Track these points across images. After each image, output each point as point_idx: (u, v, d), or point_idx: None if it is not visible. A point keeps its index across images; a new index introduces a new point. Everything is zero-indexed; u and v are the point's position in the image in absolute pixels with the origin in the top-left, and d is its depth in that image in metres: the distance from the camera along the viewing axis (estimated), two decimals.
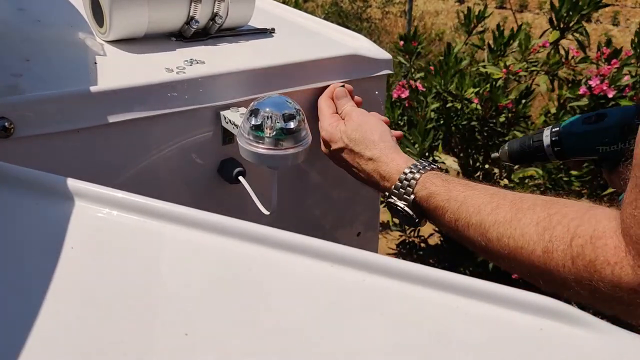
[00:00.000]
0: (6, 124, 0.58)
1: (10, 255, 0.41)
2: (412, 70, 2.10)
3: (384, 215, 1.98)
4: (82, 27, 0.84)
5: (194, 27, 0.80)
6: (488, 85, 1.84)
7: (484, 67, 1.89)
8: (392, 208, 0.67)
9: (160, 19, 0.78)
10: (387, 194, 0.68)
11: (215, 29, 0.83)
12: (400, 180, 0.66)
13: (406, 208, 0.65)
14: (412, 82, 1.96)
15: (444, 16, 5.49)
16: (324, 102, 0.79)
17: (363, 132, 0.73)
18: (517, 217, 0.55)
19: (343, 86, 0.80)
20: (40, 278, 0.39)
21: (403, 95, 1.93)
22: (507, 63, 1.83)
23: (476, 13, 2.04)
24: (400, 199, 0.66)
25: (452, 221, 0.61)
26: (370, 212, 1.00)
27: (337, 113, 0.78)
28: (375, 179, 0.70)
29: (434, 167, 0.67)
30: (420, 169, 0.66)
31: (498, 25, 1.95)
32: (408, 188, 0.65)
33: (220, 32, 0.85)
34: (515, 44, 1.88)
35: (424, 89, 1.92)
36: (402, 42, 2.10)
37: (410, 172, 0.66)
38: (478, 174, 1.98)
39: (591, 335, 0.37)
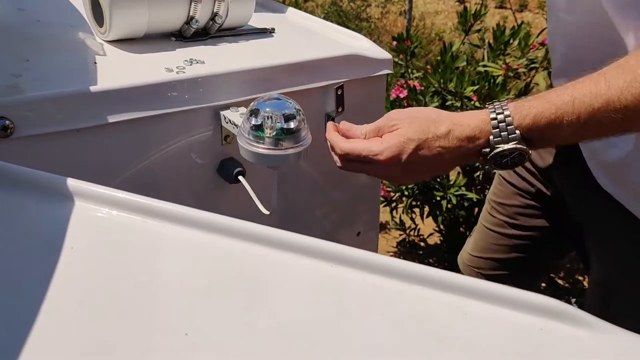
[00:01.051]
0: (6, 123, 0.58)
1: (11, 255, 0.41)
2: (409, 70, 2.10)
3: (384, 215, 1.98)
4: (82, 27, 0.84)
5: (194, 26, 0.80)
6: (487, 84, 1.84)
7: (483, 66, 1.89)
8: (497, 160, 0.64)
9: (160, 18, 0.78)
10: (486, 150, 0.64)
11: (215, 28, 0.83)
12: (494, 126, 0.63)
13: (518, 145, 0.62)
14: (410, 82, 1.96)
15: (443, 16, 5.49)
16: (344, 141, 0.69)
17: (418, 120, 0.67)
18: (636, 72, 0.57)
19: (332, 119, 0.77)
20: (41, 278, 0.39)
21: (402, 95, 1.93)
22: (507, 61, 1.83)
23: (473, 12, 2.04)
24: (506, 141, 0.63)
25: (574, 122, 0.60)
26: (370, 212, 1.00)
27: (365, 137, 0.70)
28: (466, 145, 0.65)
29: (507, 99, 0.65)
30: (502, 106, 0.63)
31: (498, 24, 1.95)
32: (509, 127, 0.62)
33: (220, 32, 0.85)
34: (516, 42, 1.88)
35: (422, 88, 1.92)
36: (395, 42, 2.10)
37: (497, 113, 0.63)
38: (478, 173, 1.98)
39: (591, 335, 0.37)
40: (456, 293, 0.39)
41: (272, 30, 0.91)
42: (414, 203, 1.89)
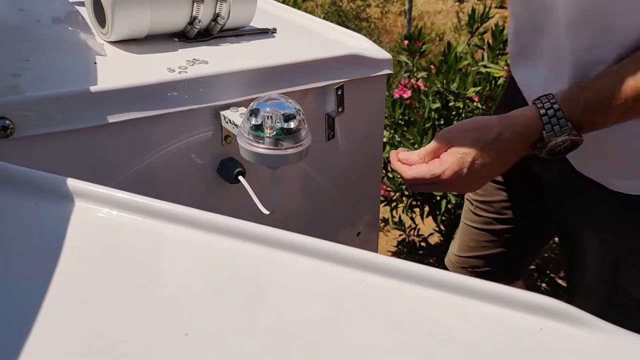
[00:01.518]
0: (6, 123, 0.58)
1: (10, 255, 0.41)
2: (415, 69, 2.10)
3: (383, 215, 1.98)
4: (82, 27, 0.84)
5: (197, 27, 0.80)
6: (488, 84, 1.84)
7: (484, 66, 1.89)
8: (551, 152, 0.66)
9: (162, 19, 0.78)
10: (540, 144, 0.66)
11: (217, 29, 0.83)
12: (546, 122, 0.65)
13: (571, 136, 0.64)
14: (413, 82, 1.96)
15: (443, 16, 5.49)
16: (408, 169, 0.73)
17: (468, 132, 0.70)
18: None
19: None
20: (41, 278, 0.39)
21: (405, 95, 1.93)
22: (508, 61, 1.83)
23: (481, 13, 2.04)
24: (559, 134, 0.64)
25: (621, 106, 0.62)
26: (370, 212, 1.00)
27: (424, 160, 0.74)
28: (519, 144, 0.68)
29: (550, 93, 0.67)
30: (550, 100, 0.65)
31: (497, 24, 1.95)
32: (560, 120, 0.64)
33: (221, 32, 0.85)
34: None
35: (426, 89, 1.92)
36: (406, 42, 2.10)
37: (546, 109, 0.65)
38: None
39: (591, 335, 0.37)
40: (456, 293, 0.39)
41: (273, 31, 0.91)
42: (414, 203, 1.89)
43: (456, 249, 1.11)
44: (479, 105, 1.85)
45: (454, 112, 1.92)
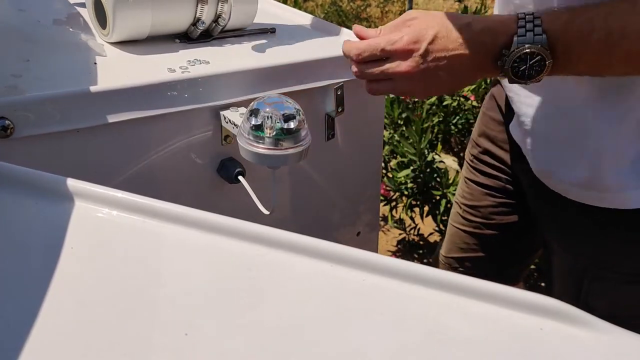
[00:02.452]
0: (6, 123, 0.58)
1: (10, 255, 0.41)
2: None
3: (383, 213, 1.98)
4: (82, 28, 0.84)
5: (201, 28, 0.80)
6: (484, 82, 1.84)
7: None
8: (515, 66, 0.60)
9: (163, 21, 0.78)
10: (506, 51, 0.60)
11: (219, 30, 0.83)
12: (521, 25, 0.58)
13: (542, 48, 0.58)
14: None
15: None
16: (360, 42, 0.66)
17: (438, 13, 0.64)
18: None
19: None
20: (40, 278, 0.39)
21: None
22: None
23: (473, 10, 2.04)
24: (531, 41, 0.58)
25: (605, 35, 0.57)
26: (370, 212, 1.00)
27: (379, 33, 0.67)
28: (487, 40, 0.61)
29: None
30: (533, 12, 0.59)
31: None
32: (536, 27, 0.58)
33: (222, 33, 0.85)
34: None
35: None
36: None
37: (525, 14, 0.59)
38: None
39: (591, 335, 0.37)
40: (456, 293, 0.39)
41: (272, 31, 0.91)
42: (413, 202, 1.89)
43: (445, 251, 1.11)
44: (475, 103, 1.85)
45: (450, 110, 1.92)
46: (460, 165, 2.06)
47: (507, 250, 1.02)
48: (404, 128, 1.89)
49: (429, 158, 1.82)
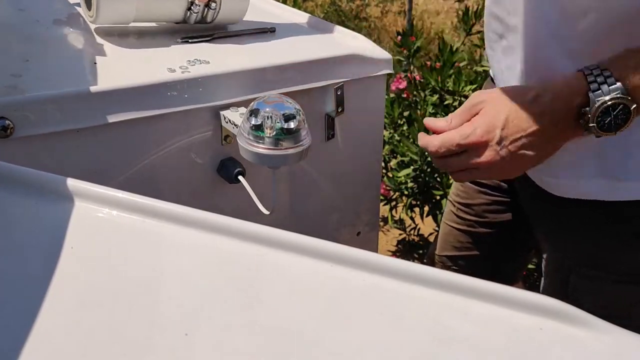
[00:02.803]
0: (6, 123, 0.58)
1: (10, 255, 0.41)
2: (411, 68, 2.09)
3: (383, 214, 1.98)
4: (82, 28, 0.84)
5: (196, 11, 0.80)
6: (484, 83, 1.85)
7: (481, 66, 1.89)
8: (601, 121, 0.57)
9: (151, 4, 0.77)
10: (586, 109, 0.58)
11: (212, 16, 0.82)
12: (591, 81, 0.57)
13: (621, 95, 0.56)
14: (410, 74, 1.96)
15: (443, 15, 5.49)
16: (434, 138, 0.66)
17: (503, 93, 0.63)
18: None
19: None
20: (40, 278, 0.39)
21: (401, 86, 1.92)
22: None
23: (474, 10, 2.04)
24: (607, 93, 0.56)
25: None
26: (370, 212, 1.00)
27: (451, 123, 0.67)
28: (562, 106, 0.59)
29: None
30: (596, 64, 0.58)
31: None
32: (608, 78, 0.56)
33: (221, 33, 0.85)
34: None
35: (422, 80, 1.91)
36: (399, 37, 2.10)
37: (590, 69, 0.58)
38: None
39: (591, 335, 0.37)
40: (456, 293, 0.39)
41: (272, 30, 0.91)
42: (413, 202, 1.89)
43: (439, 249, 1.11)
44: None
45: (452, 110, 1.92)
46: None
47: (501, 248, 1.02)
48: (404, 128, 1.89)
49: (430, 158, 1.81)
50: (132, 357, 0.34)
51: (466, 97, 1.87)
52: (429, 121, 0.69)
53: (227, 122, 0.71)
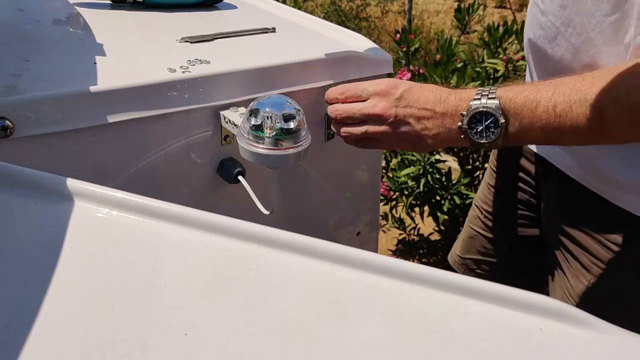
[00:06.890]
0: (6, 123, 0.58)
1: (10, 256, 0.41)
2: (410, 67, 2.09)
3: (383, 212, 1.98)
4: (82, 28, 0.84)
5: None
6: (487, 80, 1.85)
7: (480, 63, 1.89)
8: (472, 128, 0.66)
9: None
10: (463, 113, 0.67)
11: None
12: (477, 93, 0.67)
13: (493, 109, 0.65)
14: (413, 68, 1.96)
15: (443, 15, 5.49)
16: (342, 89, 0.76)
17: (410, 84, 0.72)
18: (619, 74, 0.59)
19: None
20: (40, 278, 0.39)
21: (405, 79, 1.92)
22: (507, 52, 1.84)
23: (475, 7, 2.05)
24: (482, 103, 0.66)
25: (549, 109, 0.63)
26: (370, 212, 1.00)
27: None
28: (453, 102, 0.68)
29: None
30: (490, 88, 0.67)
31: (492, 22, 1.96)
32: (490, 93, 0.66)
33: (222, 34, 0.85)
34: (512, 38, 1.88)
35: (425, 73, 1.91)
36: (398, 35, 2.10)
37: (482, 87, 0.68)
38: (477, 173, 1.98)
39: (591, 335, 0.37)
40: (456, 293, 0.39)
41: (272, 30, 0.91)
42: (413, 202, 1.89)
43: (462, 251, 1.11)
44: None
45: None
46: (461, 165, 2.06)
47: (526, 260, 1.02)
48: None
49: (432, 159, 1.82)
50: (132, 357, 0.34)
51: None
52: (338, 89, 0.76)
53: (227, 122, 0.71)
